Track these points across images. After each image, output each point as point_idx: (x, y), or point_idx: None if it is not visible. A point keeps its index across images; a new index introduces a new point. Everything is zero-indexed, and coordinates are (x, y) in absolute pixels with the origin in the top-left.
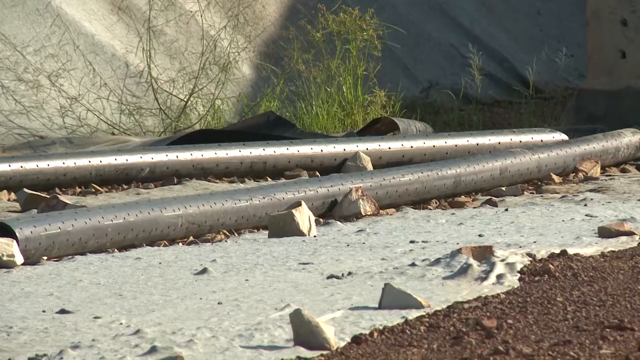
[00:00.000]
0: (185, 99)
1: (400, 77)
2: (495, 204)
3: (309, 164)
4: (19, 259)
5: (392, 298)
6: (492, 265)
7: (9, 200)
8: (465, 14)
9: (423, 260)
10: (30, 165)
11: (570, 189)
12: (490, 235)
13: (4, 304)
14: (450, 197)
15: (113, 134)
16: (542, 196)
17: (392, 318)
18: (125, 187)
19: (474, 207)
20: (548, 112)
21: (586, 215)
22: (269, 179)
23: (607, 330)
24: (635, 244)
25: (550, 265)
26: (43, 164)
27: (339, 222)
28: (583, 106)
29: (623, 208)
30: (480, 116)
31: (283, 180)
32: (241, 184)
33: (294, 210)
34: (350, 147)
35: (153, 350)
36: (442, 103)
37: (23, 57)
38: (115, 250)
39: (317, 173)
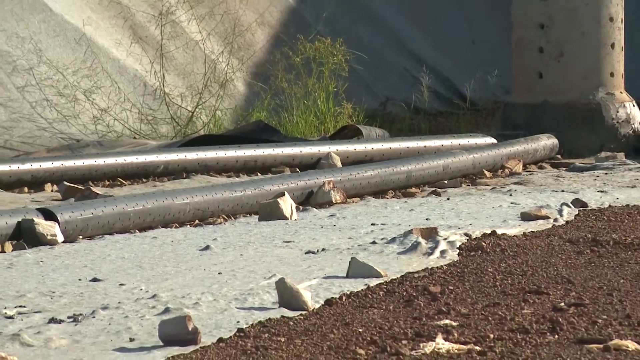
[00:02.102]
0: (192, 110)
1: (363, 93)
2: (439, 194)
3: (291, 162)
4: (60, 237)
5: (357, 269)
6: (436, 243)
7: (52, 191)
8: (415, 43)
9: (382, 239)
10: (69, 163)
11: (499, 182)
12: (435, 219)
13: (48, 273)
14: (403, 189)
15: (135, 138)
16: (476, 188)
17: (357, 285)
18: (144, 180)
19: (422, 197)
20: (481, 121)
21: (511, 203)
22: (259, 174)
23: (528, 294)
24: (549, 226)
25: (483, 243)
26: (79, 162)
27: (314, 209)
28: (509, 116)
29: (540, 197)
30: (427, 124)
31: (270, 175)
32: (237, 178)
33: (279, 199)
34: (324, 149)
35: (167, 310)
36: (396, 114)
37: (63, 77)
38: (137, 231)
39: (297, 169)
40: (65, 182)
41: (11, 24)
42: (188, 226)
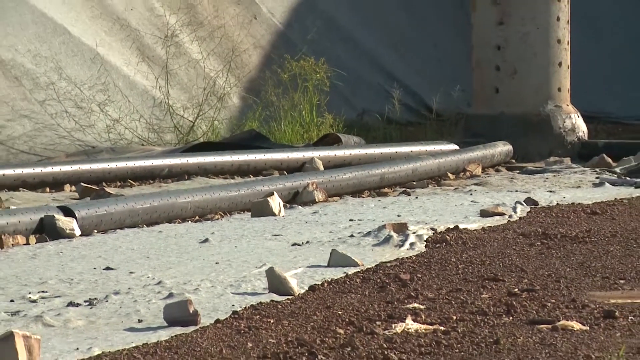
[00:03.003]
0: (193, 121)
1: (343, 106)
2: (408, 194)
3: (279, 165)
4: (78, 232)
5: (337, 259)
6: (406, 236)
7: (70, 191)
8: (388, 62)
9: (358, 233)
10: (85, 167)
11: (461, 183)
12: (405, 215)
13: (67, 263)
14: (378, 189)
15: (142, 145)
16: (441, 188)
17: (337, 273)
18: (151, 182)
19: (394, 196)
20: (445, 130)
21: (472, 201)
22: (251, 176)
23: (486, 281)
24: (505, 222)
25: (447, 236)
26: (94, 166)
27: (300, 207)
28: (470, 126)
29: (497, 196)
30: (399, 133)
31: (261, 177)
32: (232, 180)
33: (269, 198)
34: (308, 154)
35: (170, 295)
36: (371, 123)
37: (81, 91)
38: (144, 225)
39: (285, 172)
40: (82, 183)
41: (35, 46)
42: (189, 222)
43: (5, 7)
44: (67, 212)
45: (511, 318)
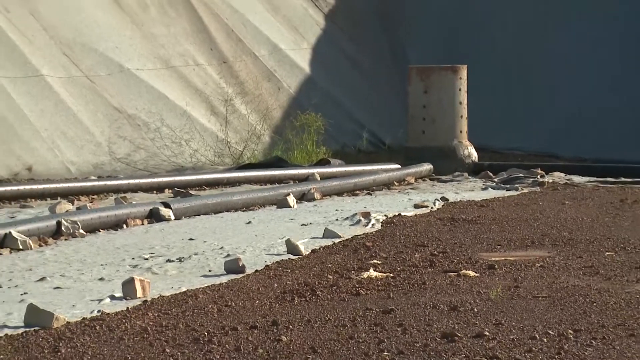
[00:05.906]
0: (242, 150)
1: (332, 142)
2: (371, 194)
3: (293, 177)
4: (173, 217)
5: (328, 233)
6: (370, 220)
7: (168, 193)
8: (360, 116)
9: (341, 217)
10: (177, 178)
11: (402, 188)
12: (369, 207)
13: (166, 236)
14: (352, 191)
15: (211, 165)
16: (390, 191)
17: (328, 242)
18: (216, 187)
19: (362, 196)
20: (393, 157)
21: (409, 199)
22: (277, 184)
23: (418, 247)
24: (429, 211)
25: (394, 220)
26: (183, 178)
27: (305, 202)
28: (407, 153)
29: (423, 195)
30: (366, 158)
31: (282, 184)
32: (265, 186)
33: (287, 197)
34: (310, 171)
35: (228, 255)
36: (349, 152)
37: (174, 133)
38: (212, 213)
39: (297, 181)
40: (176, 188)
41: (147, 106)
42: (240, 211)
43: (129, 83)
44: (167, 205)
45: (432, 269)
